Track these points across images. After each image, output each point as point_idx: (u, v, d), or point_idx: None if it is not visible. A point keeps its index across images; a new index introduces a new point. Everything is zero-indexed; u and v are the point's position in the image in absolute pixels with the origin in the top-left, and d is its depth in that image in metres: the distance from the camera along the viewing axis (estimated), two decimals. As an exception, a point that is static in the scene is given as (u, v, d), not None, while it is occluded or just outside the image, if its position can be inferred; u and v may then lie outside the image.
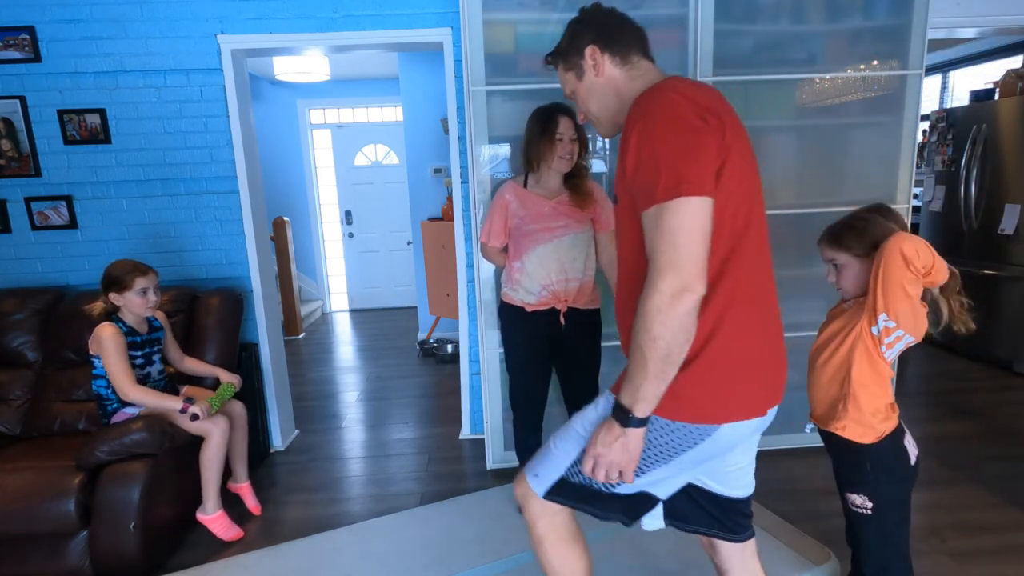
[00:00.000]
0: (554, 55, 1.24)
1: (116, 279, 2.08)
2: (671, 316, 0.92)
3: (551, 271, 1.99)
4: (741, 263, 1.02)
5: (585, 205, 2.00)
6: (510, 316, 2.07)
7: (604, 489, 1.15)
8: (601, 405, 1.17)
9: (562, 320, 2.02)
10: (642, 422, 1.01)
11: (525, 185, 2.07)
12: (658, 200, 0.95)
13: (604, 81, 1.16)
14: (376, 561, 1.91)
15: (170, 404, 2.07)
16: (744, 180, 1.02)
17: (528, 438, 2.18)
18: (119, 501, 1.92)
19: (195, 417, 2.05)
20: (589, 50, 1.15)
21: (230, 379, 2.29)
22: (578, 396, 2.13)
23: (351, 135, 5.79)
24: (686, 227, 0.93)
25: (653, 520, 1.24)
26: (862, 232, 1.31)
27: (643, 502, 1.19)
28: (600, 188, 2.11)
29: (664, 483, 1.16)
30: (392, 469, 2.72)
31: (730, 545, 1.29)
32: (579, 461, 1.14)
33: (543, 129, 1.99)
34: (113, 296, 2.09)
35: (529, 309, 2.03)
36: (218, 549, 2.13)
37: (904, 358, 3.75)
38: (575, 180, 2.02)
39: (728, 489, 1.24)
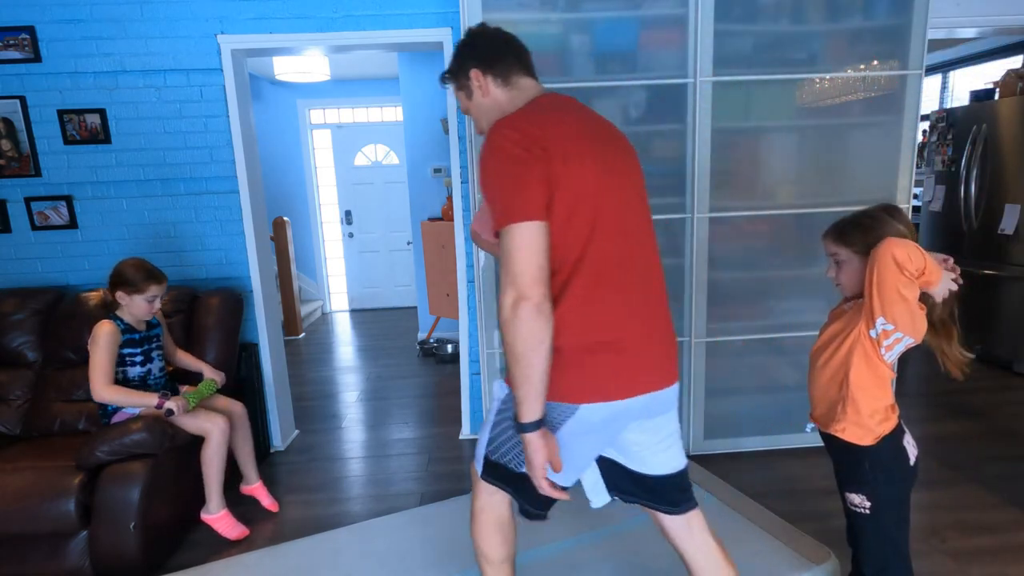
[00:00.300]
0: (448, 75, 1.33)
1: (129, 281, 2.07)
2: (516, 324, 1.05)
3: None
4: (596, 262, 1.13)
5: None
6: None
7: (516, 469, 1.24)
8: (495, 388, 1.29)
9: None
10: (535, 425, 1.10)
11: None
12: (498, 227, 1.10)
13: (490, 101, 1.25)
14: (376, 561, 1.91)
15: (145, 401, 2.05)
16: (590, 195, 1.12)
17: None
18: (119, 501, 1.91)
19: (169, 413, 2.03)
20: (473, 73, 1.25)
21: (212, 375, 2.29)
22: None
23: (351, 135, 5.78)
24: (516, 247, 1.06)
25: (598, 496, 1.34)
26: (868, 230, 1.31)
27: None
28: None
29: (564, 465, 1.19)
30: (392, 469, 2.71)
31: (674, 520, 1.32)
32: (491, 440, 1.28)
33: None
34: (120, 295, 2.09)
35: None
36: (219, 549, 2.12)
37: (904, 359, 3.74)
38: None
39: (641, 467, 1.29)
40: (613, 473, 1.33)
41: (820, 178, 2.54)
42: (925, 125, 4.33)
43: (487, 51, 1.25)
